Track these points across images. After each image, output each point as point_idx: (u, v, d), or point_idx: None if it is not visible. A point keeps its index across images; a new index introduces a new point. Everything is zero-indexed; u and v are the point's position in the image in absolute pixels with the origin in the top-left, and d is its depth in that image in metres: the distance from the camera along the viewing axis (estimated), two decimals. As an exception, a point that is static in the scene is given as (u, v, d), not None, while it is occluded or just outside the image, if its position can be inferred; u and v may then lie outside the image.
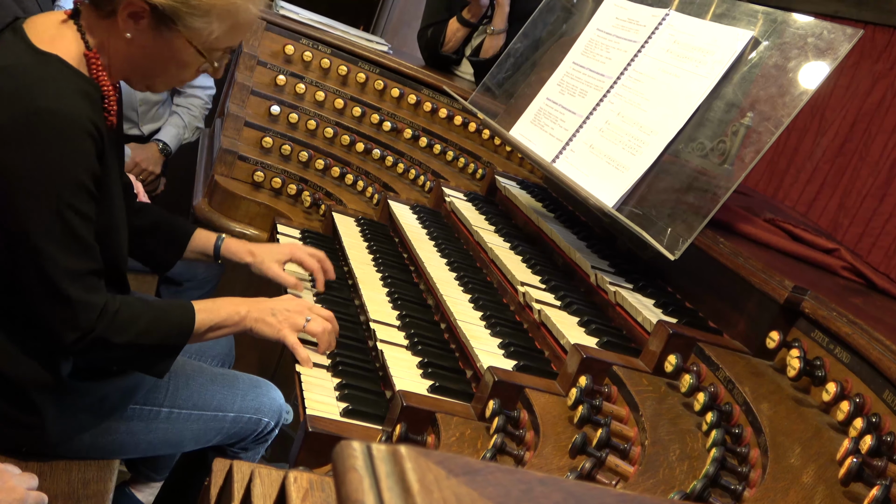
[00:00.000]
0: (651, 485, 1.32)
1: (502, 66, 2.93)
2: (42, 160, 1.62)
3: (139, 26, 1.74)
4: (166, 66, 1.82)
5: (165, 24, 1.73)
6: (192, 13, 1.73)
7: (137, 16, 1.72)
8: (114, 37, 1.76)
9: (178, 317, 1.85)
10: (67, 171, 1.64)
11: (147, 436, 2.00)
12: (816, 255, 2.12)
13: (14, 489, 1.53)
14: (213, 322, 1.89)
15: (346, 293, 2.40)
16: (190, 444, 2.09)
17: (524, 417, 1.62)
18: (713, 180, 1.86)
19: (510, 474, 0.60)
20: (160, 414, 2.00)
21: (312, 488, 0.85)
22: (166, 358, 1.84)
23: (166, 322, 1.83)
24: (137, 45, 1.76)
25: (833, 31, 1.83)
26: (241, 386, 2.12)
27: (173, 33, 1.75)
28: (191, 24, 1.74)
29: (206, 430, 2.07)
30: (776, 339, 1.68)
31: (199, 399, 2.05)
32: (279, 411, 2.18)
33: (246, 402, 2.11)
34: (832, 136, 3.11)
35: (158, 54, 1.78)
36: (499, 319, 2.06)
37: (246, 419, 2.11)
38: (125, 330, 1.75)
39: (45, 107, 1.62)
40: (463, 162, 3.34)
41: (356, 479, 0.56)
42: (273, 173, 3.30)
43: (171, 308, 1.87)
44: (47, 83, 1.65)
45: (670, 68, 2.13)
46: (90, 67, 1.75)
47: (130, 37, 1.74)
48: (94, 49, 1.75)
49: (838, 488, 1.32)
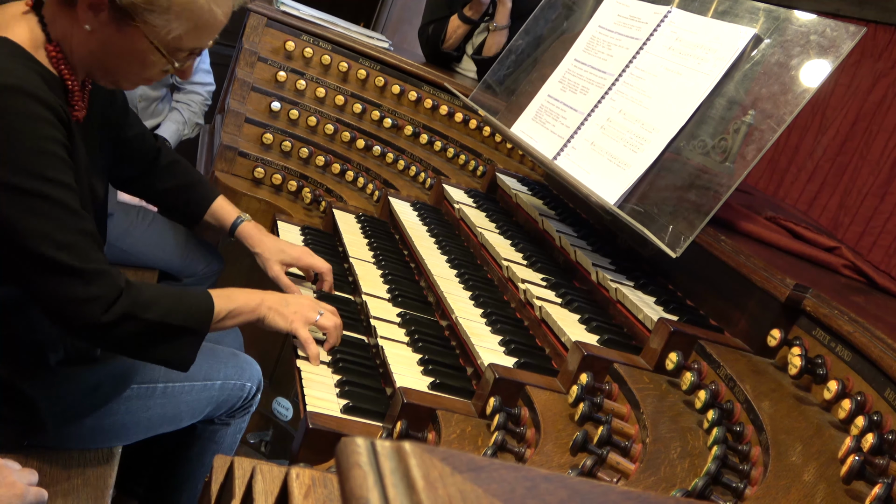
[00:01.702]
0: (652, 482, 1.32)
1: (503, 62, 2.92)
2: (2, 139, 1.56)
3: (99, 19, 1.68)
4: (128, 63, 1.76)
5: (124, 19, 1.68)
6: (150, 9, 1.67)
7: (97, 7, 1.67)
8: (75, 28, 1.70)
9: (198, 301, 1.82)
10: (30, 142, 1.58)
11: (147, 413, 2.02)
12: (818, 254, 2.11)
13: (14, 485, 1.53)
14: (230, 308, 1.87)
15: (347, 290, 2.39)
16: (187, 418, 2.13)
17: (525, 415, 1.62)
18: (715, 178, 1.86)
19: (515, 471, 0.60)
20: (156, 390, 2.01)
21: (315, 485, 0.85)
22: (194, 343, 1.80)
23: (187, 304, 1.79)
24: (97, 38, 1.71)
25: (835, 29, 1.83)
26: (222, 356, 2.17)
27: (133, 29, 1.69)
28: (150, 21, 1.69)
29: (199, 400, 2.11)
30: (777, 337, 1.68)
31: (190, 371, 2.03)
32: (258, 376, 2.25)
33: (229, 370, 2.16)
34: (833, 134, 3.11)
35: (119, 49, 1.72)
36: (500, 317, 2.06)
37: (231, 385, 2.17)
38: (151, 306, 1.70)
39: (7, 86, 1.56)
40: (464, 159, 3.34)
41: (360, 476, 0.56)
42: (273, 170, 3.30)
43: (187, 293, 1.84)
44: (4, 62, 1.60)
45: (672, 66, 2.13)
46: (51, 59, 1.70)
47: (90, 29, 1.69)
48: (54, 41, 1.71)
49: (840, 486, 1.32)
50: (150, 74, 1.81)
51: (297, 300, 2.00)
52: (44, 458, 1.86)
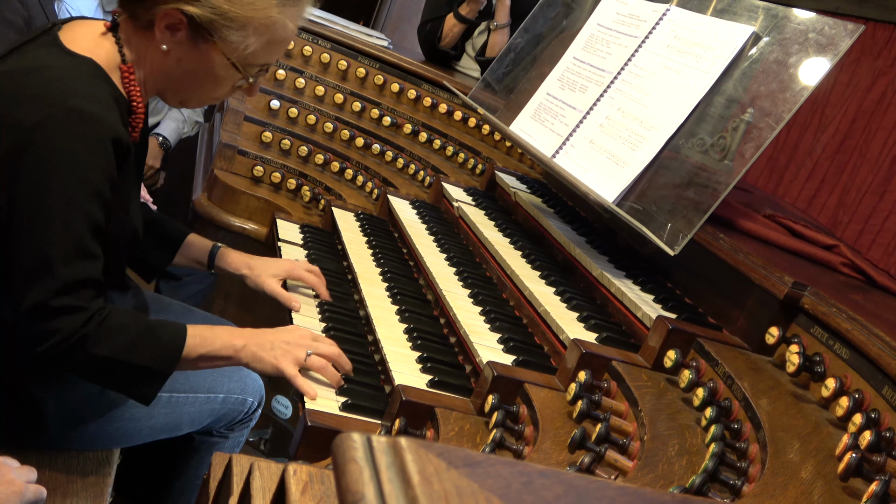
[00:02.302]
0: (650, 479, 1.32)
1: (502, 61, 2.92)
2: (67, 159, 1.60)
3: (176, 38, 1.74)
4: (202, 81, 1.82)
5: (202, 37, 1.74)
6: (228, 26, 1.73)
7: (174, 27, 1.73)
8: (151, 49, 1.76)
9: (168, 339, 1.75)
10: (89, 174, 1.62)
11: (149, 421, 2.00)
12: (816, 252, 2.12)
13: (13, 482, 1.53)
14: (206, 351, 1.79)
15: (346, 288, 2.39)
16: (186, 427, 2.11)
17: (523, 412, 1.62)
18: (713, 176, 1.86)
19: (511, 467, 0.60)
20: (160, 399, 1.95)
21: (312, 481, 0.85)
22: (150, 382, 1.73)
23: (153, 342, 1.73)
24: (174, 57, 1.77)
25: (834, 27, 1.83)
26: (226, 369, 2.12)
27: (210, 46, 1.75)
28: (227, 37, 1.74)
29: (201, 411, 2.09)
30: (776, 334, 1.68)
31: (194, 382, 2.05)
32: (260, 391, 2.21)
33: (232, 384, 2.13)
34: (832, 132, 3.11)
35: (194, 68, 1.79)
36: (498, 314, 2.06)
37: (233, 399, 2.14)
38: (107, 341, 1.66)
39: (77, 106, 1.60)
40: (463, 157, 3.34)
41: (356, 471, 0.56)
42: (273, 168, 3.30)
43: (161, 328, 1.76)
44: (81, 84, 1.65)
45: (671, 64, 2.13)
46: (123, 80, 1.75)
47: (167, 49, 1.75)
48: (129, 63, 1.76)
49: (837, 483, 1.32)
50: (221, 92, 1.87)
51: (285, 338, 1.85)
52: (42, 456, 1.86)
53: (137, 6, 1.74)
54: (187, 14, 1.71)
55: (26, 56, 1.71)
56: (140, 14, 1.74)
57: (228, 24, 1.73)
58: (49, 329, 1.62)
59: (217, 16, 1.72)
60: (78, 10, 3.56)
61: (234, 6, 1.73)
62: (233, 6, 1.73)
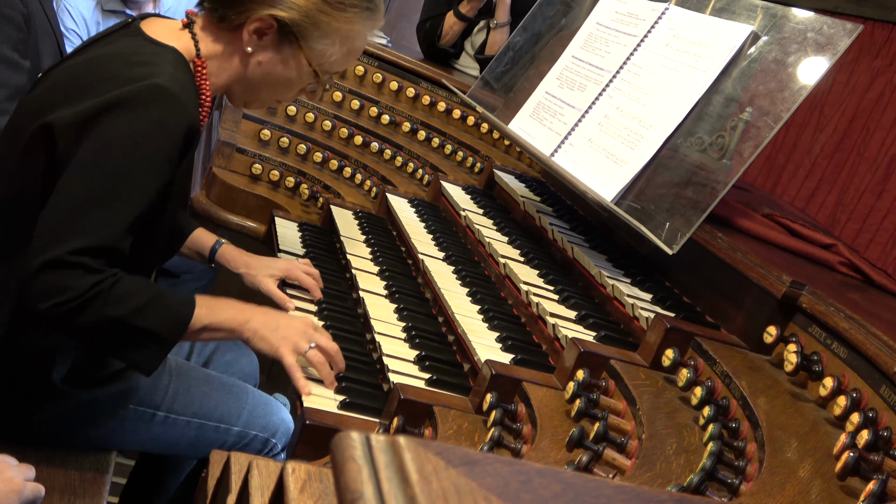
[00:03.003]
0: (648, 478, 1.32)
1: (501, 59, 2.92)
2: (140, 131, 1.62)
3: (262, 42, 1.81)
4: (275, 83, 1.88)
5: (289, 41, 1.81)
6: (317, 34, 1.81)
7: (262, 31, 1.80)
8: (232, 49, 1.82)
9: (177, 306, 1.72)
10: (155, 152, 1.65)
11: (136, 436, 1.93)
12: (814, 251, 2.12)
13: (11, 480, 1.53)
14: (211, 321, 1.76)
15: (344, 286, 2.39)
16: (187, 451, 2.01)
17: (521, 411, 1.63)
18: (712, 175, 1.86)
19: (509, 465, 0.60)
20: (155, 417, 1.91)
21: (310, 479, 0.85)
22: (155, 350, 1.69)
23: (163, 308, 1.69)
24: (255, 59, 1.83)
25: (833, 27, 1.83)
26: (250, 401, 2.02)
27: (294, 50, 1.82)
28: (313, 45, 1.82)
29: (206, 440, 1.96)
30: (773, 333, 1.68)
31: (199, 407, 1.95)
32: (287, 433, 2.05)
33: (253, 419, 2.00)
34: (831, 131, 3.11)
35: (273, 71, 1.85)
36: (497, 313, 2.06)
37: (252, 436, 2.00)
38: (118, 304, 1.62)
39: (163, 85, 1.65)
40: (461, 156, 3.34)
41: (355, 469, 0.56)
42: (271, 166, 3.30)
43: (171, 296, 1.73)
44: (166, 67, 1.70)
45: (669, 62, 2.13)
46: (196, 73, 1.80)
47: (251, 51, 1.81)
48: (203, 57, 1.81)
49: (835, 482, 1.32)
50: (289, 95, 1.94)
51: (290, 324, 1.84)
52: (41, 454, 1.86)
53: (231, 9, 1.80)
54: (279, 20, 1.78)
55: (112, 44, 1.77)
56: (231, 17, 1.80)
57: (317, 31, 1.81)
58: (60, 285, 1.58)
59: (308, 23, 1.79)
60: (77, 8, 3.57)
61: (325, 16, 1.81)
62: (323, 15, 1.81)
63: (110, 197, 1.61)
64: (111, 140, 1.61)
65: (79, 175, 1.61)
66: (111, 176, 1.61)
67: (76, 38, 3.55)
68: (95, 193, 1.60)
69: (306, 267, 2.27)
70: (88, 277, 1.59)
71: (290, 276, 2.23)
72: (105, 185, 1.61)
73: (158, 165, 1.66)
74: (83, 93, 1.64)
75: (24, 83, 2.50)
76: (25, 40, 2.51)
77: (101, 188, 1.60)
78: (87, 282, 1.59)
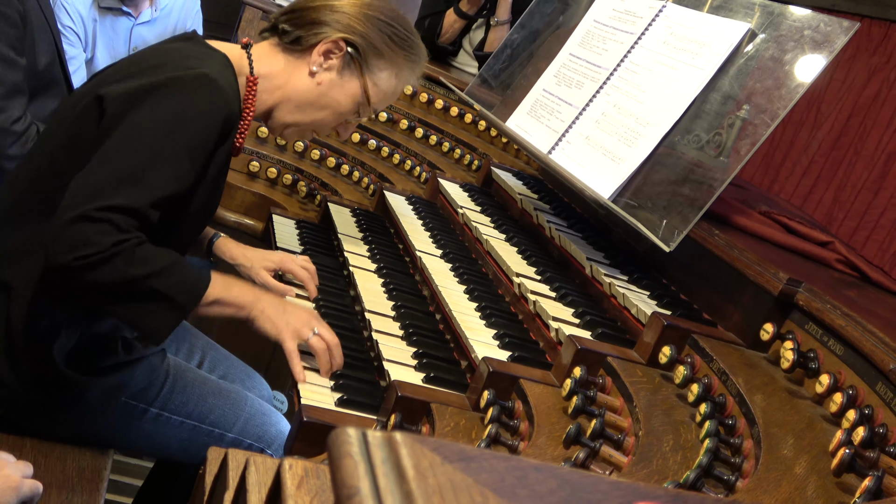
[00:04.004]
0: (644, 475, 1.33)
1: (499, 57, 2.92)
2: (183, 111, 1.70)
3: (327, 63, 1.88)
4: (325, 107, 1.94)
5: (351, 68, 1.89)
6: (379, 63, 1.90)
7: (331, 53, 1.87)
8: (290, 68, 1.91)
9: (196, 275, 1.74)
10: (194, 135, 1.71)
11: (126, 432, 1.92)
12: (811, 248, 2.12)
13: (9, 477, 1.53)
14: (222, 296, 1.78)
15: (342, 283, 2.39)
16: (178, 453, 1.99)
17: (519, 408, 1.63)
18: (709, 172, 1.86)
19: (505, 461, 0.60)
20: (147, 413, 1.90)
21: (307, 475, 0.86)
22: (168, 316, 1.69)
23: (181, 275, 1.71)
24: (315, 80, 1.90)
25: (829, 24, 1.83)
26: (247, 409, 2.01)
27: (354, 77, 1.90)
28: (374, 74, 1.91)
29: (198, 444, 1.94)
30: (770, 331, 1.68)
31: (194, 409, 1.94)
32: (281, 440, 2.02)
33: (249, 427, 1.99)
34: (828, 129, 3.12)
35: (329, 93, 1.92)
36: (494, 310, 2.06)
37: (245, 445, 1.97)
38: (139, 264, 1.63)
39: (207, 74, 1.73)
40: (459, 153, 3.34)
41: (351, 465, 0.56)
42: (269, 163, 3.30)
43: (190, 265, 1.76)
44: (214, 64, 1.79)
45: (667, 60, 2.13)
46: (246, 89, 1.88)
47: (315, 71, 1.89)
48: (256, 76, 1.88)
49: (830, 479, 1.33)
50: (327, 125, 2.01)
51: (296, 311, 1.86)
52: (39, 450, 1.86)
53: (308, 30, 1.88)
54: (351, 43, 1.86)
55: (173, 43, 1.91)
56: (307, 38, 1.88)
57: (379, 62, 1.90)
58: (85, 238, 1.60)
59: (374, 52, 1.88)
60: (73, 5, 3.55)
61: (389, 49, 1.90)
62: (388, 49, 1.90)
63: (144, 168, 1.67)
64: (155, 116, 1.69)
65: (118, 145, 1.67)
66: (149, 150, 1.67)
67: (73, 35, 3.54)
68: (131, 163, 1.66)
69: (302, 260, 2.28)
70: (114, 234, 1.62)
71: (284, 268, 2.24)
72: (141, 158, 1.67)
73: (194, 149, 1.72)
74: (138, 73, 1.76)
75: (20, 80, 2.50)
76: (22, 38, 2.51)
77: (136, 160, 1.67)
78: (112, 238, 1.62)
